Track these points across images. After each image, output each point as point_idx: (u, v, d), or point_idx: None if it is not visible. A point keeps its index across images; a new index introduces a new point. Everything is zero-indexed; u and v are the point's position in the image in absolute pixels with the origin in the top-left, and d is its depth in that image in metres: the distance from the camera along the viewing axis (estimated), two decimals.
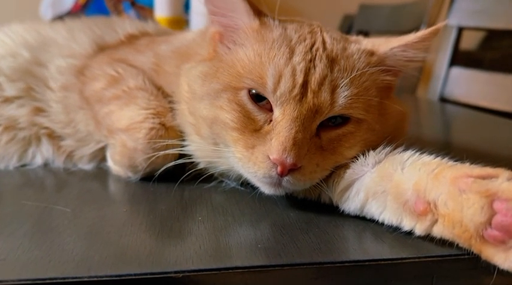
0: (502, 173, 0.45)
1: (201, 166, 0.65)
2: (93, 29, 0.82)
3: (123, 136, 0.65)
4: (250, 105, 0.57)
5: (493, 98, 1.38)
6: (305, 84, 0.55)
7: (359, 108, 0.56)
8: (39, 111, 0.75)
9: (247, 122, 0.56)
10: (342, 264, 0.45)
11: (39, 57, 0.77)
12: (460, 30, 1.54)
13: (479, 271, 0.45)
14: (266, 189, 0.56)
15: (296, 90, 0.54)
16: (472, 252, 0.45)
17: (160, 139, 0.63)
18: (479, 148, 0.89)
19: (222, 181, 0.65)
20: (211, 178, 0.65)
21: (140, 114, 0.64)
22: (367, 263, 0.45)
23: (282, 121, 0.53)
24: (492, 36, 2.67)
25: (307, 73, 0.55)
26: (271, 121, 0.55)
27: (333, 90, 0.55)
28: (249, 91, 0.57)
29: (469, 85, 1.48)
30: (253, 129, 0.56)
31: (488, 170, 0.46)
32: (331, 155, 0.56)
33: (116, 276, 0.42)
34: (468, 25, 1.53)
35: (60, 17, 1.74)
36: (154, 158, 0.62)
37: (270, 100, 0.56)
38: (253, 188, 0.59)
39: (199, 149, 0.64)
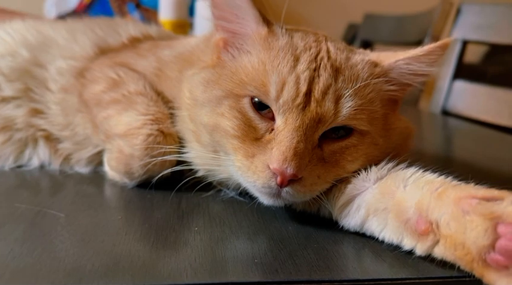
0: (508, 196, 0.44)
1: (199, 173, 0.64)
2: (95, 31, 0.81)
3: (120, 142, 0.64)
4: (251, 113, 0.56)
5: (495, 113, 1.37)
6: (308, 93, 0.54)
7: (363, 120, 0.55)
8: (36, 112, 0.74)
9: (248, 130, 0.55)
10: (340, 283, 0.44)
11: (39, 58, 0.76)
12: (465, 44, 1.53)
13: None
14: (265, 199, 0.55)
15: (299, 99, 0.53)
16: (474, 276, 0.44)
17: (158, 146, 0.62)
18: (482, 165, 0.88)
19: (220, 190, 0.64)
20: (209, 186, 0.64)
21: (138, 120, 0.63)
22: (366, 282, 0.44)
23: (284, 130, 0.53)
24: (495, 51, 2.67)
25: (311, 82, 0.54)
26: (272, 130, 0.55)
27: (337, 100, 0.54)
28: (252, 99, 0.56)
29: (473, 99, 1.48)
30: (254, 137, 0.55)
31: (494, 192, 0.45)
32: (332, 167, 0.55)
33: None
34: (473, 39, 1.53)
35: (64, 16, 1.73)
36: (151, 165, 0.61)
37: (272, 108, 0.55)
38: (252, 198, 0.58)
39: (198, 156, 0.63)
